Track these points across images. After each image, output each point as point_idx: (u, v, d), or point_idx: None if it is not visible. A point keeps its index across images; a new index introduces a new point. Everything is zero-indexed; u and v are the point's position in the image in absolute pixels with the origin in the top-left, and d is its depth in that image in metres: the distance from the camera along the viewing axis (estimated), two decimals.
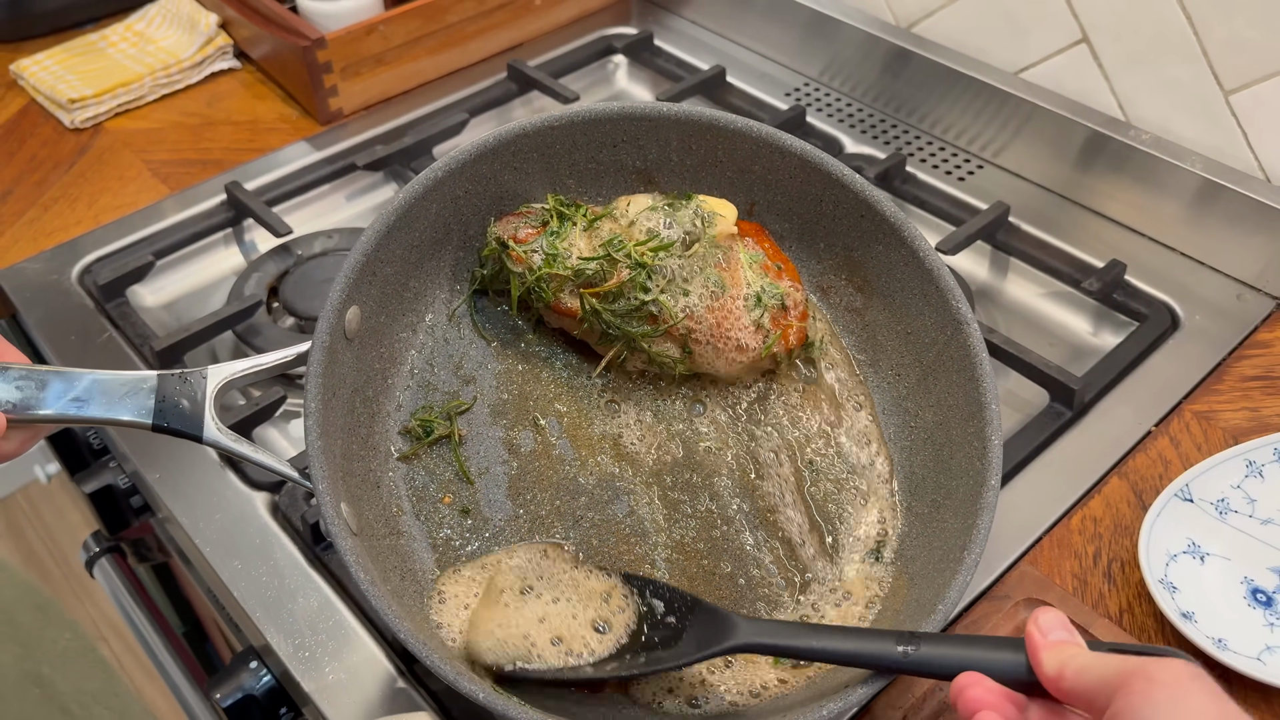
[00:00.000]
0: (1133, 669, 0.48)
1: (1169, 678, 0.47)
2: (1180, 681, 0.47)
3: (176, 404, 0.63)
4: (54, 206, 1.11)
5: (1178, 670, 0.48)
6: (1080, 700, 0.51)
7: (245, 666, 0.80)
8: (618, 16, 1.37)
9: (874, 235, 0.75)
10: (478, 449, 0.74)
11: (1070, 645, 0.53)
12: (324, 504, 0.60)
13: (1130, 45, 1.02)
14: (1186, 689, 0.47)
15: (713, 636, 0.61)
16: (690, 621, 0.63)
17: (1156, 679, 0.47)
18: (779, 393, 0.78)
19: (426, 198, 0.73)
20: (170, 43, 1.29)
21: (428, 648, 0.58)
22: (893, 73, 1.17)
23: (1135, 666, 0.48)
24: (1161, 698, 0.46)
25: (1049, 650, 0.53)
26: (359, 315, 0.69)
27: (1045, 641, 0.53)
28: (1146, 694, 0.47)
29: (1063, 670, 0.51)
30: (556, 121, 0.76)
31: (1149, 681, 0.47)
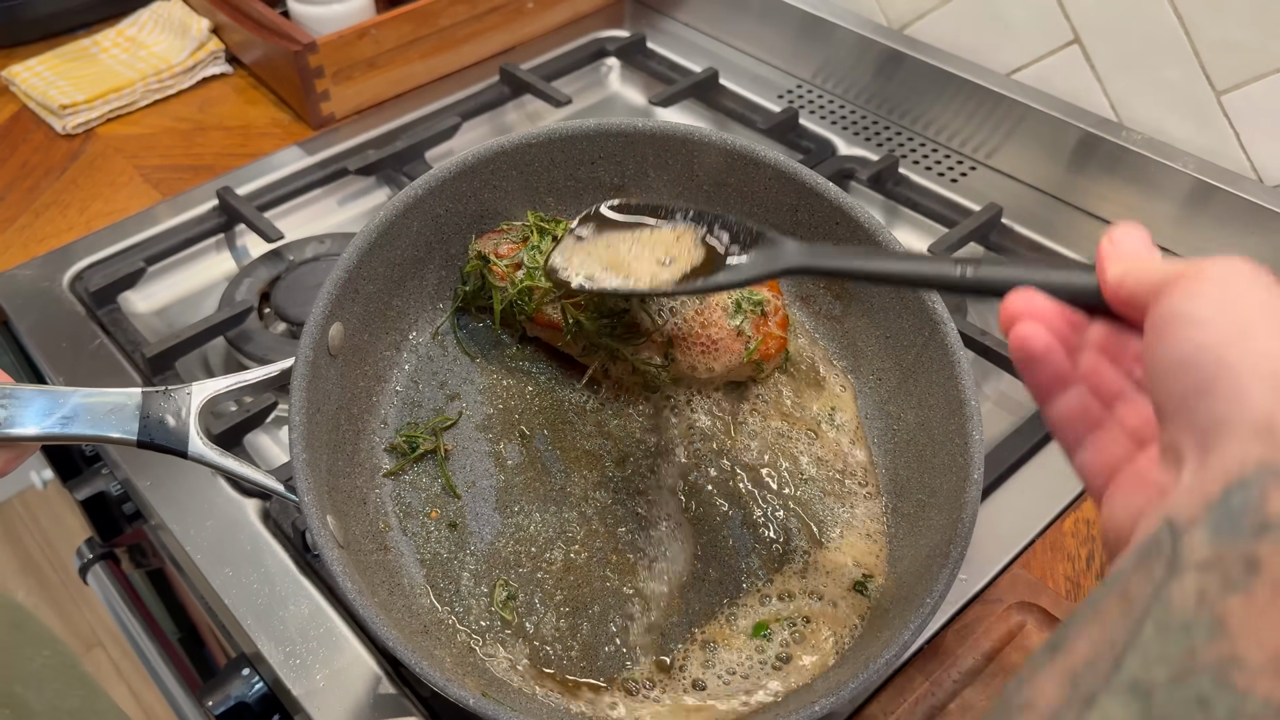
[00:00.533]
0: (1189, 266, 0.42)
1: (1220, 272, 0.41)
2: (1230, 275, 0.41)
3: (161, 420, 0.63)
4: (45, 213, 1.11)
5: (1232, 265, 0.42)
6: (1138, 308, 0.45)
7: (237, 674, 0.80)
8: (610, 19, 1.37)
9: (849, 242, 0.76)
10: (464, 463, 0.74)
11: (1138, 256, 0.46)
12: (310, 516, 0.60)
13: (1122, 46, 1.02)
14: (1234, 280, 0.41)
15: (770, 259, 0.61)
16: (750, 246, 0.63)
17: (1206, 273, 0.41)
18: (762, 399, 0.78)
19: (407, 216, 0.73)
20: (162, 48, 1.29)
21: (416, 655, 0.57)
22: (885, 75, 1.17)
23: (1192, 264, 0.42)
24: (1204, 289, 0.41)
25: (1117, 260, 0.46)
26: (342, 332, 0.70)
27: (1115, 251, 0.47)
28: (1189, 286, 0.41)
29: (1124, 278, 0.45)
30: (534, 139, 0.76)
31: (1198, 276, 0.41)
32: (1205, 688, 0.32)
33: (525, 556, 0.71)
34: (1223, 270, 0.41)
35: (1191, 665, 0.32)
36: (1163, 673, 0.32)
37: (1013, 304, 0.48)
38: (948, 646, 0.72)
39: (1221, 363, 0.39)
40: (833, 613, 0.69)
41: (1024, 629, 0.73)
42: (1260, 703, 0.31)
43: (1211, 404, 0.39)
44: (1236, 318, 0.40)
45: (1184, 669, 0.32)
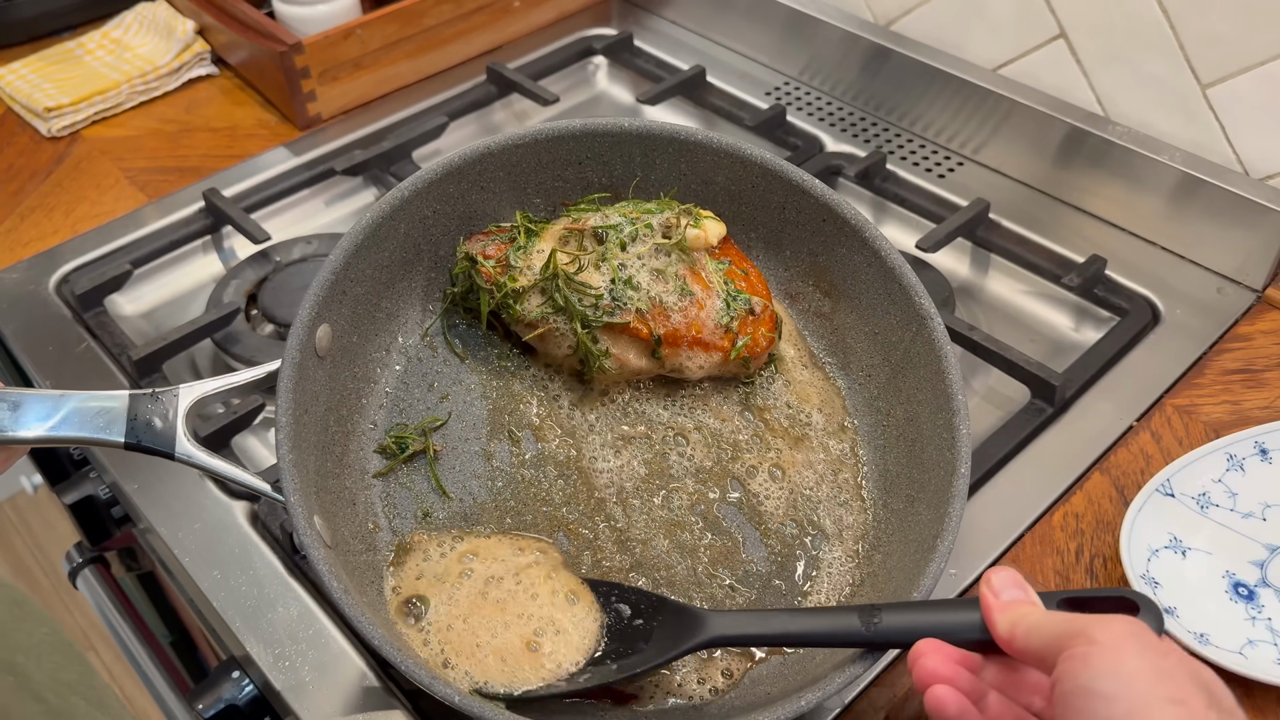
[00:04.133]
0: (1076, 630, 0.49)
1: (1107, 638, 0.47)
2: (1118, 642, 0.47)
3: (149, 422, 0.64)
4: (31, 216, 1.11)
5: (1117, 630, 0.48)
6: (1032, 659, 0.51)
7: (227, 676, 0.80)
8: (597, 18, 1.36)
9: (836, 239, 0.76)
10: (454, 464, 0.74)
11: (1023, 604, 0.53)
12: (296, 516, 0.60)
13: (1107, 40, 1.02)
14: (1123, 650, 0.47)
15: (682, 634, 0.61)
16: (659, 621, 0.63)
17: (1096, 640, 0.47)
18: (751, 397, 0.78)
19: (394, 217, 0.73)
20: (147, 50, 1.28)
21: (403, 654, 0.57)
22: (872, 71, 1.17)
23: (1078, 627, 0.49)
24: (1100, 661, 0.47)
25: (1001, 611, 0.53)
26: (330, 334, 0.69)
27: (998, 602, 0.53)
28: (1085, 658, 0.47)
29: (1014, 630, 0.52)
30: (521, 140, 0.76)
31: (1088, 644, 0.48)
32: None
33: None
34: (1112, 638, 0.47)
35: None
36: None
37: (922, 661, 0.54)
38: None
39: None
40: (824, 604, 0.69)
41: None
42: None
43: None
44: (1136, 691, 0.45)
45: None
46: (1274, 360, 0.90)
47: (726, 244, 0.79)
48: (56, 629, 0.73)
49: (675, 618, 0.62)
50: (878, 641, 0.57)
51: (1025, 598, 0.54)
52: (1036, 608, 0.53)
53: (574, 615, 0.65)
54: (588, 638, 0.64)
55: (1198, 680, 0.47)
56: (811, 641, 0.60)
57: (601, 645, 0.64)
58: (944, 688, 0.53)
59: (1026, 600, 0.53)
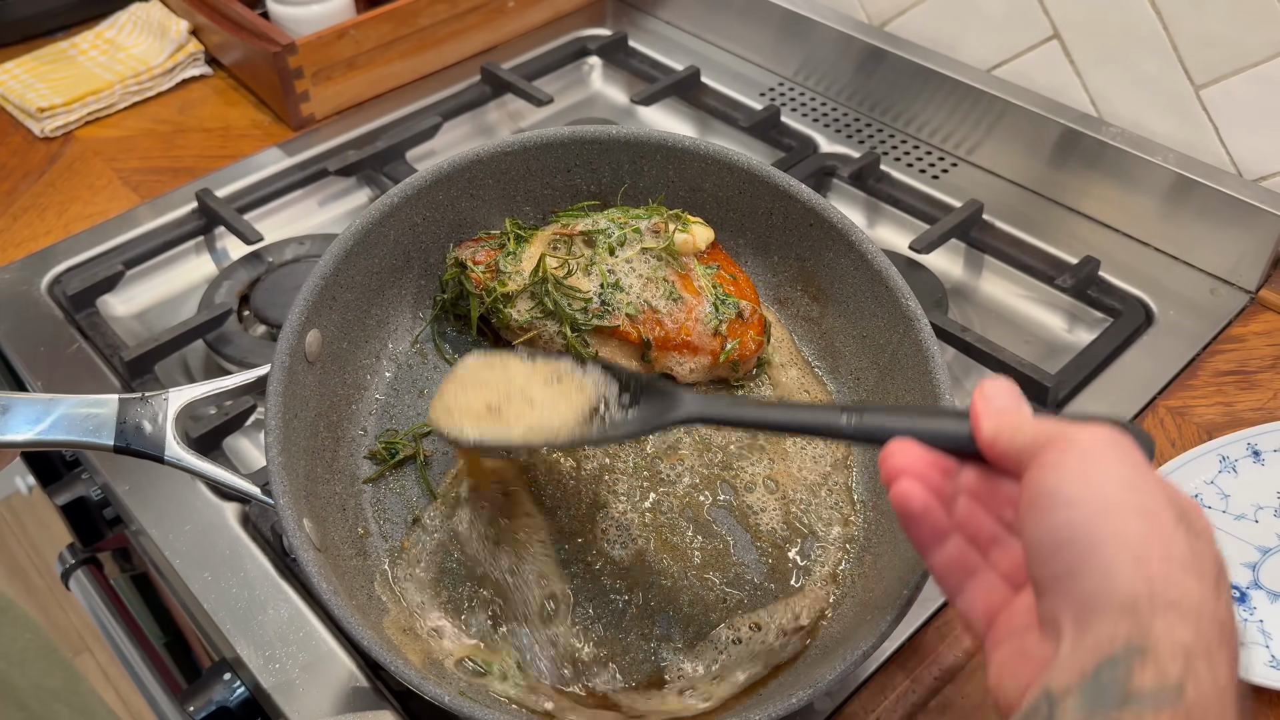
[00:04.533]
0: (1057, 432, 0.46)
1: (1086, 442, 0.45)
2: (1096, 447, 0.45)
3: (138, 425, 0.64)
4: (23, 216, 1.10)
5: (1097, 435, 0.45)
6: (1011, 464, 0.48)
7: (218, 678, 0.80)
8: (592, 18, 1.36)
9: (823, 243, 0.76)
10: (444, 469, 0.74)
11: (1013, 412, 0.49)
12: (285, 519, 0.60)
13: (1101, 41, 1.02)
14: (1100, 454, 0.44)
15: (663, 411, 0.61)
16: (643, 399, 0.63)
17: (1074, 443, 0.45)
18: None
19: (384, 224, 0.73)
20: (141, 50, 1.28)
21: (392, 655, 0.57)
22: (866, 71, 1.17)
23: (1060, 430, 0.46)
24: (1072, 464, 0.44)
25: (989, 416, 0.49)
26: (320, 339, 0.69)
27: (988, 407, 0.50)
28: (1058, 460, 0.45)
29: (998, 434, 0.49)
30: (509, 148, 0.77)
31: (1066, 446, 0.45)
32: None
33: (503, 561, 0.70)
34: (1089, 442, 0.45)
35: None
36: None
37: (892, 458, 0.51)
38: (928, 644, 0.72)
39: (1092, 542, 0.42)
40: (818, 598, 0.69)
41: None
42: None
43: (1083, 582, 0.42)
44: (1103, 496, 0.43)
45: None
46: (1267, 361, 0.90)
47: (715, 249, 0.79)
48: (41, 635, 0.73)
49: (659, 396, 0.62)
50: (857, 436, 0.54)
51: (1014, 405, 0.50)
52: (1023, 414, 0.49)
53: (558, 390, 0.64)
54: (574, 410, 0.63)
55: (1172, 499, 0.44)
56: (789, 428, 0.58)
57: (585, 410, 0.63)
58: (911, 481, 0.50)
59: (1015, 408, 0.49)
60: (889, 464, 0.51)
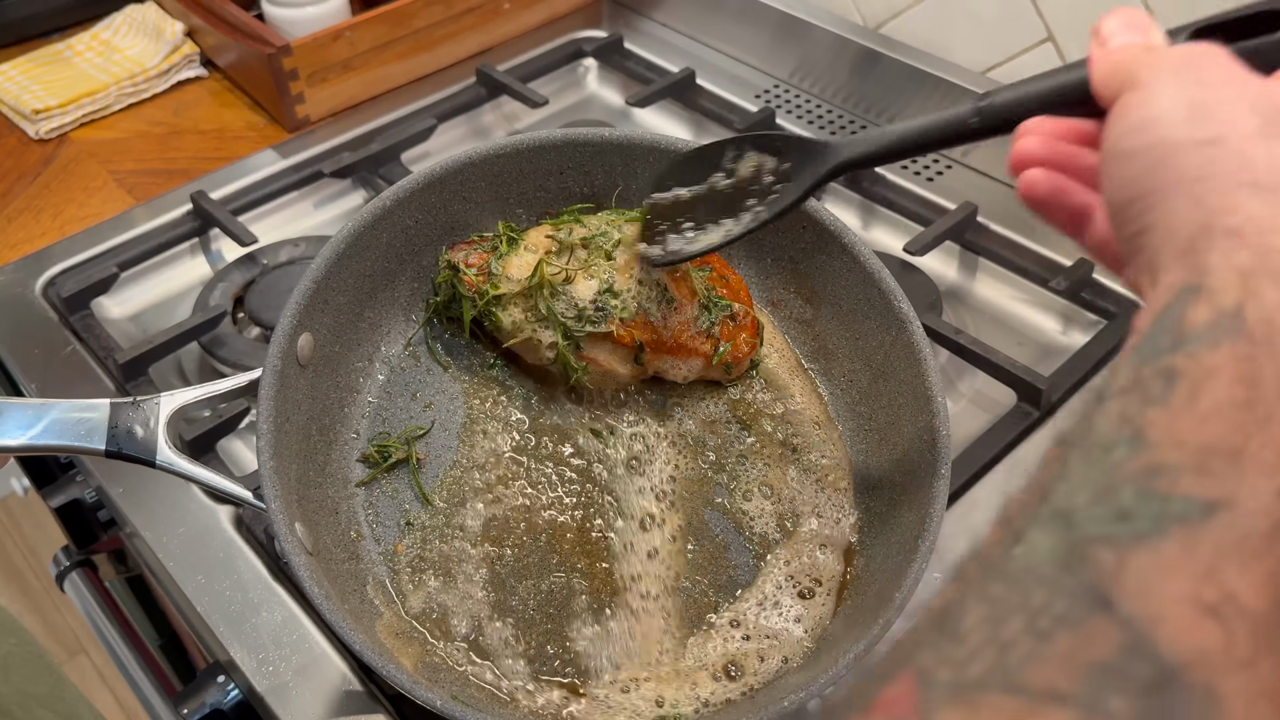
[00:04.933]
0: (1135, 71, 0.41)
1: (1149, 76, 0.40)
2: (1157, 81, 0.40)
3: (130, 430, 0.64)
4: (18, 218, 1.10)
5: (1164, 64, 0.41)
6: None
7: (212, 681, 0.80)
8: (588, 20, 1.36)
9: (816, 245, 0.76)
10: (437, 472, 0.74)
11: (1127, 49, 0.43)
12: (277, 524, 0.60)
13: None
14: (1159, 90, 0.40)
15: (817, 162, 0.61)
16: (795, 158, 0.63)
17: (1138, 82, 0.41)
18: (734, 403, 0.78)
19: (376, 227, 0.73)
20: (136, 51, 1.28)
21: (384, 660, 0.57)
22: (861, 74, 1.17)
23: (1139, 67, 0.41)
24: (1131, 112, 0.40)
25: (1101, 62, 0.44)
26: (312, 343, 0.69)
27: (1102, 52, 0.44)
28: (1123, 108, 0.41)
29: (1105, 81, 0.43)
30: (502, 150, 0.76)
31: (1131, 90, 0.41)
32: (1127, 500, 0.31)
33: (497, 563, 0.70)
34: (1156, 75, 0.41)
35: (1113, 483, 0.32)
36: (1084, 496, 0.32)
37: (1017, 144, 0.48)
38: None
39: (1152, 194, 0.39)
40: (810, 603, 0.69)
41: None
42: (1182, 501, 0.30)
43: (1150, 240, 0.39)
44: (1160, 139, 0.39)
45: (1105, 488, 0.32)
46: None
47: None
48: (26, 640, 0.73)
49: (808, 152, 0.62)
50: (986, 131, 0.52)
51: (1138, 39, 0.44)
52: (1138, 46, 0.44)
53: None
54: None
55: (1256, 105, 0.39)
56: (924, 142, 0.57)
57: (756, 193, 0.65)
58: (1036, 170, 0.48)
59: (1139, 42, 0.44)
60: (1015, 154, 0.49)
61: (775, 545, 0.72)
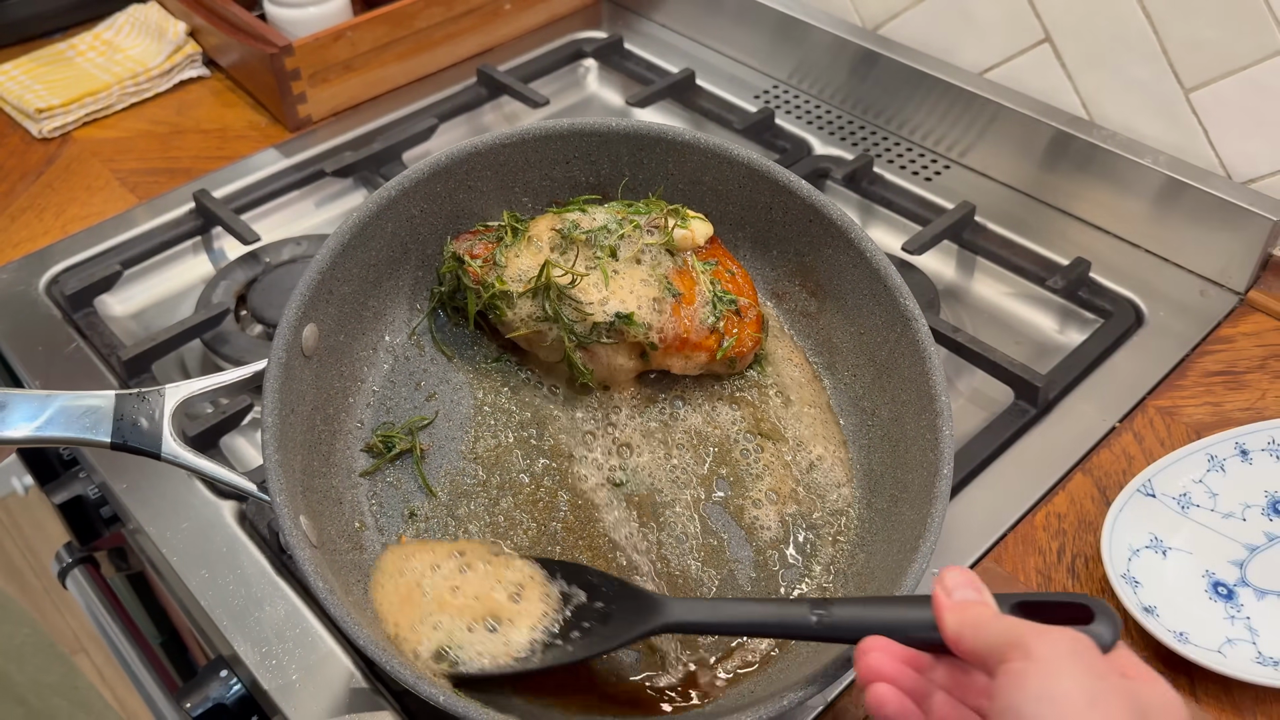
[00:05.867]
0: (1015, 639, 0.47)
1: (1044, 654, 0.46)
2: (1054, 660, 0.45)
3: (135, 422, 0.64)
4: (21, 217, 1.11)
5: (1056, 647, 0.46)
6: (977, 662, 0.50)
7: (215, 676, 0.80)
8: (588, 21, 1.37)
9: (823, 239, 0.77)
10: (440, 463, 0.74)
11: (975, 606, 0.51)
12: (282, 516, 0.60)
13: (1092, 45, 1.03)
14: (1057, 670, 0.45)
15: (639, 619, 0.61)
16: (617, 605, 0.63)
17: (1032, 655, 0.46)
18: (737, 396, 0.79)
19: (381, 216, 0.73)
20: (138, 51, 1.29)
21: (388, 654, 0.58)
22: (860, 74, 1.18)
23: (1017, 637, 0.47)
24: (1031, 682, 0.45)
25: (952, 610, 0.51)
26: (316, 333, 0.70)
27: (949, 601, 0.51)
28: (1020, 675, 0.46)
29: (961, 631, 0.50)
30: (508, 139, 0.77)
31: (1025, 659, 0.46)
32: None
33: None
34: (1048, 654, 0.46)
35: None
36: None
37: (865, 658, 0.53)
38: None
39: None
40: None
41: None
42: None
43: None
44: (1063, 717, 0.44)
45: None
46: (1255, 362, 0.91)
47: (714, 244, 0.79)
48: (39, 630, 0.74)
49: (633, 603, 0.62)
50: (824, 635, 0.56)
51: (978, 599, 0.52)
52: (988, 609, 0.51)
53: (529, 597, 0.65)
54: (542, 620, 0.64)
55: (1134, 704, 0.45)
56: (761, 631, 0.60)
57: (557, 626, 0.64)
58: (885, 686, 0.52)
59: (979, 601, 0.51)
60: (863, 665, 0.53)
61: (776, 540, 0.73)
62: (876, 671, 0.52)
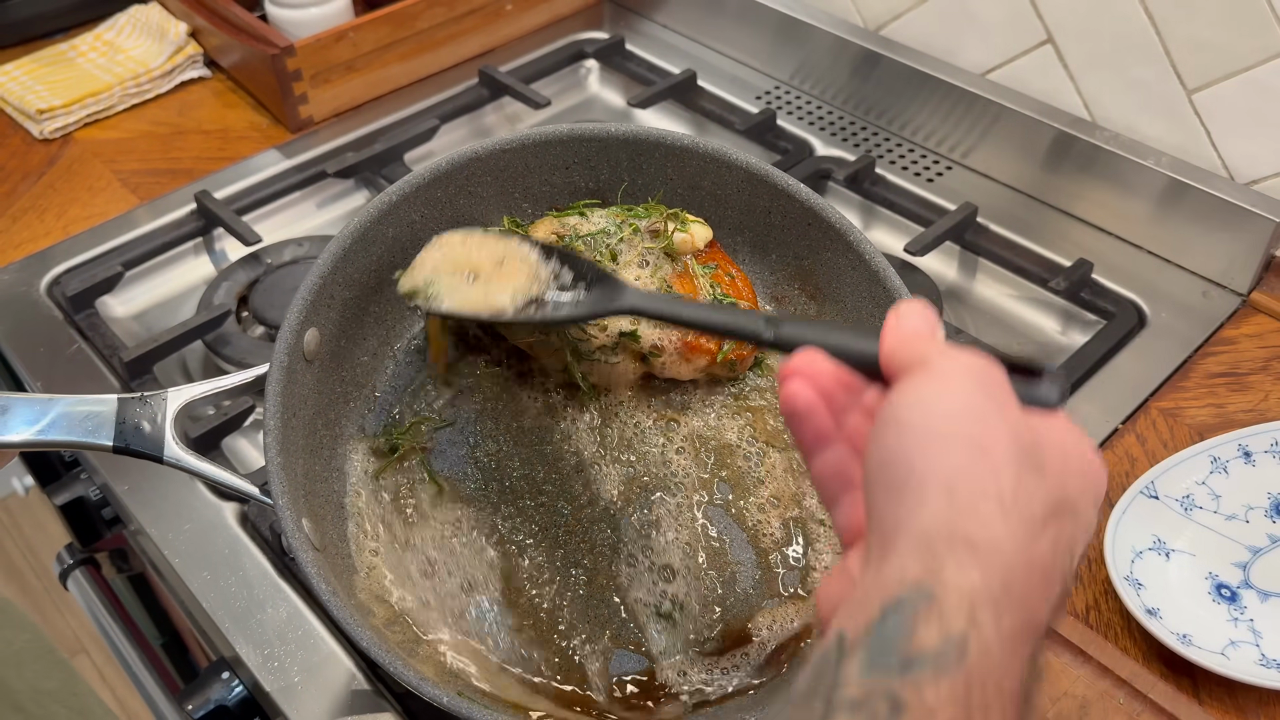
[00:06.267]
0: (930, 356, 0.43)
1: (943, 368, 0.42)
2: (951, 373, 0.42)
3: (137, 426, 0.64)
4: (23, 218, 1.11)
5: (959, 363, 0.42)
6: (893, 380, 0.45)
7: (217, 677, 0.80)
8: (589, 21, 1.37)
9: (822, 242, 0.77)
10: (442, 467, 0.74)
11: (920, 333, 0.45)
12: (284, 519, 0.60)
13: (1094, 46, 1.03)
14: (950, 382, 0.41)
15: (607, 299, 0.62)
16: (592, 285, 0.64)
17: (931, 368, 0.42)
18: (739, 399, 0.79)
19: (382, 222, 0.73)
20: (140, 52, 1.29)
21: (392, 655, 0.58)
22: (862, 75, 1.18)
23: (933, 354, 0.43)
24: (919, 388, 0.42)
25: (893, 332, 0.46)
26: (318, 338, 0.70)
27: (897, 327, 0.46)
28: (911, 384, 0.42)
29: (893, 353, 0.45)
30: (508, 145, 0.77)
31: (924, 370, 0.42)
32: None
33: (504, 559, 0.71)
34: (946, 368, 0.42)
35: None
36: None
37: (792, 363, 0.48)
38: None
39: (910, 468, 0.40)
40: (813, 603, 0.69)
41: None
42: None
43: (893, 509, 0.40)
44: (933, 424, 0.40)
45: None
46: (1258, 364, 0.91)
47: (713, 248, 0.79)
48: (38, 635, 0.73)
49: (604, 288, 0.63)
50: (775, 344, 0.53)
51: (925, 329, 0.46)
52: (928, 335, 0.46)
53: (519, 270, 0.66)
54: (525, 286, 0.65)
55: (1018, 435, 0.40)
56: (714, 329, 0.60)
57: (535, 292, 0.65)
58: (802, 382, 0.47)
59: (925, 332, 0.46)
60: (787, 367, 0.48)
61: (779, 543, 0.73)
62: (798, 369, 0.48)
